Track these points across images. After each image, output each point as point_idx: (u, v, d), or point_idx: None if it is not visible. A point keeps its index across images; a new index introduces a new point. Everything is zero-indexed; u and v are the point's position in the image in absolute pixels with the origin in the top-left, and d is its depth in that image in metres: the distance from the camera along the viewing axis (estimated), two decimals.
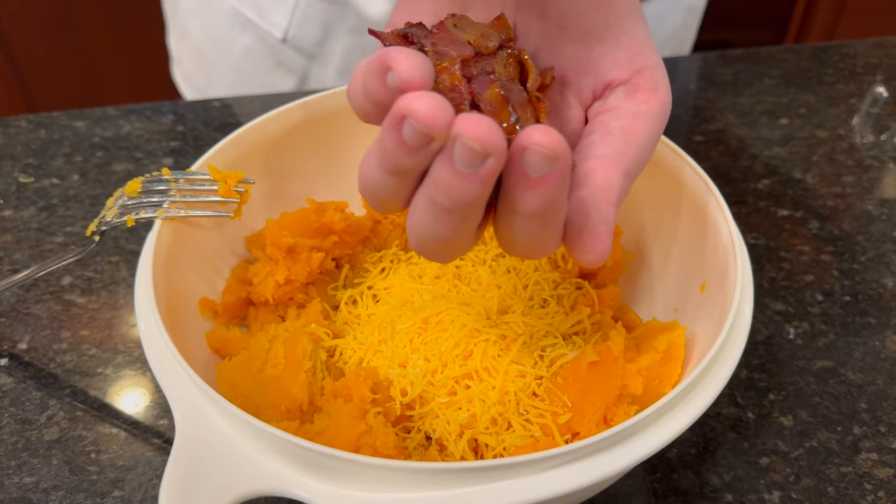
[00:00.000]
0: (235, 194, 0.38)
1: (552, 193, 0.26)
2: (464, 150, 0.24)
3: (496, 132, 0.24)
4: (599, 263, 0.29)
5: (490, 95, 0.27)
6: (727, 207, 0.38)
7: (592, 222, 0.28)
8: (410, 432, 0.37)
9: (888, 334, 0.49)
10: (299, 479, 0.29)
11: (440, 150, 0.25)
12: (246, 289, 0.42)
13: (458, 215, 0.26)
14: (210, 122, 0.65)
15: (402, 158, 0.25)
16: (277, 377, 0.36)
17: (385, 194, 0.28)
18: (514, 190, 0.26)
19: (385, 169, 0.26)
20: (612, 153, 0.29)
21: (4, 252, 0.53)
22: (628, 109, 0.31)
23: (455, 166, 0.24)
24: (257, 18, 0.70)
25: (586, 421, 0.35)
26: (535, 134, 0.24)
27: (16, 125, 0.64)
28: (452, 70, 0.27)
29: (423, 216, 0.27)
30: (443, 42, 0.28)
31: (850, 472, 0.41)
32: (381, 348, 0.39)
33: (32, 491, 0.40)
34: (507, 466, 0.28)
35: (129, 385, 0.45)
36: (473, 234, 0.29)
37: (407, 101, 0.24)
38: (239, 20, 0.71)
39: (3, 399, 0.44)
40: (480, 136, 0.24)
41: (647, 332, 0.39)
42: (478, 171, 0.24)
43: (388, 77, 0.25)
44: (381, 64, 0.25)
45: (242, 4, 0.70)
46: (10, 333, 0.48)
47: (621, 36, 0.31)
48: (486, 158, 0.24)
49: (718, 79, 0.73)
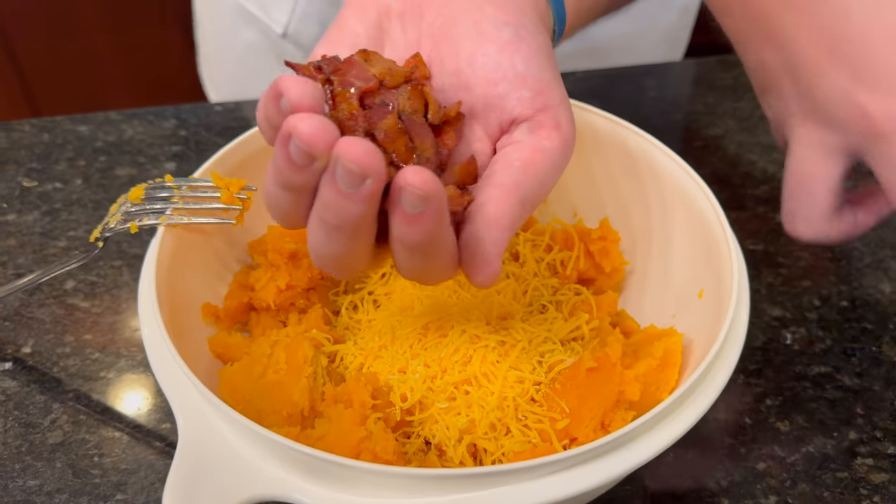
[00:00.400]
0: (238, 201, 0.38)
1: (430, 230, 0.28)
2: (343, 170, 0.26)
3: (374, 154, 0.26)
4: (489, 286, 0.31)
5: (386, 125, 0.29)
6: (724, 214, 0.39)
7: (483, 247, 0.30)
8: (410, 437, 0.37)
9: (885, 340, 0.49)
10: (301, 485, 0.29)
11: (325, 170, 0.27)
12: (248, 294, 0.42)
13: (348, 233, 0.28)
14: (212, 127, 0.65)
15: (291, 175, 0.27)
16: (279, 382, 0.36)
17: (283, 209, 0.30)
18: (396, 223, 0.28)
19: (278, 184, 0.28)
20: (510, 182, 0.32)
21: (8, 256, 0.54)
22: (530, 144, 0.33)
23: (338, 185, 0.26)
24: (260, 13, 0.72)
25: (584, 427, 0.35)
26: (409, 174, 0.26)
27: (19, 129, 0.65)
28: (350, 99, 0.29)
29: (316, 233, 0.29)
30: (350, 74, 0.30)
31: (846, 477, 0.42)
32: (382, 354, 0.39)
33: (36, 494, 0.40)
34: (506, 472, 0.29)
35: (131, 389, 0.46)
36: (368, 251, 0.30)
37: (293, 121, 0.26)
38: (242, 14, 0.73)
39: (8, 403, 0.45)
40: (358, 158, 0.25)
41: (644, 339, 0.40)
42: (358, 191, 0.26)
43: (282, 102, 0.27)
44: (275, 90, 0.27)
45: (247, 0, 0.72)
46: (14, 337, 0.48)
47: (526, 75, 0.33)
48: (365, 179, 0.26)
49: (718, 84, 0.74)
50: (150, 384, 0.46)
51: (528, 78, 0.33)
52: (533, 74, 0.33)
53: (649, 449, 0.31)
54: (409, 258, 0.30)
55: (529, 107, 0.33)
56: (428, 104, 0.32)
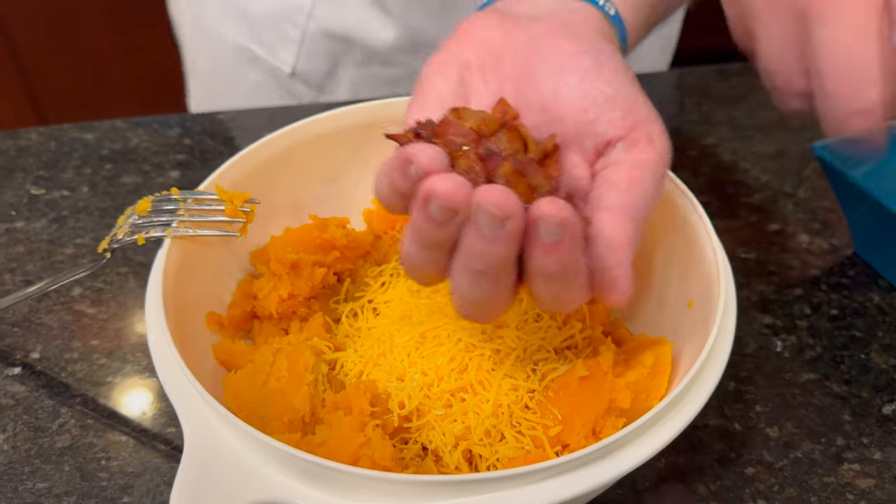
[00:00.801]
0: (242, 214, 0.39)
1: (567, 255, 0.30)
2: (486, 216, 0.28)
3: (511, 197, 0.28)
4: (623, 303, 0.33)
5: (504, 170, 0.31)
6: (712, 227, 0.40)
7: (610, 271, 0.32)
8: (408, 443, 0.38)
9: (873, 348, 0.50)
10: (302, 490, 0.30)
11: (466, 222, 0.29)
12: (251, 303, 0.43)
13: (492, 277, 0.31)
14: (216, 135, 0.66)
15: (433, 233, 0.30)
16: (281, 390, 0.37)
17: (424, 267, 0.32)
18: (534, 256, 0.30)
19: (419, 244, 0.31)
20: (619, 203, 0.33)
21: (17, 263, 0.55)
22: (628, 162, 0.34)
23: (482, 231, 0.29)
24: (265, 54, 0.73)
25: (576, 433, 0.37)
26: (543, 206, 0.28)
27: (26, 137, 0.66)
28: (467, 154, 0.31)
29: (461, 282, 0.31)
30: (449, 133, 0.32)
31: (833, 482, 0.43)
32: (381, 361, 0.40)
33: (45, 496, 0.41)
34: (501, 479, 0.30)
35: (137, 394, 0.47)
36: (509, 294, 0.33)
37: (430, 183, 0.28)
38: (246, 55, 0.73)
39: (17, 407, 0.46)
40: (499, 202, 0.28)
41: (636, 348, 0.41)
42: (501, 233, 0.28)
43: (411, 170, 0.29)
44: (402, 160, 0.29)
45: (250, 41, 0.73)
46: (23, 343, 0.50)
47: (614, 97, 0.35)
48: (506, 220, 0.28)
49: (714, 93, 0.75)
50: (156, 389, 0.47)
51: (616, 99, 0.35)
52: (620, 95, 0.35)
53: (639, 455, 0.32)
54: (550, 288, 0.32)
55: (621, 126, 0.35)
56: (526, 142, 0.34)
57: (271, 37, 0.72)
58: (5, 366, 0.48)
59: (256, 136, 0.66)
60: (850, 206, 0.55)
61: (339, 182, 0.49)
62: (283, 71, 0.73)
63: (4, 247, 0.56)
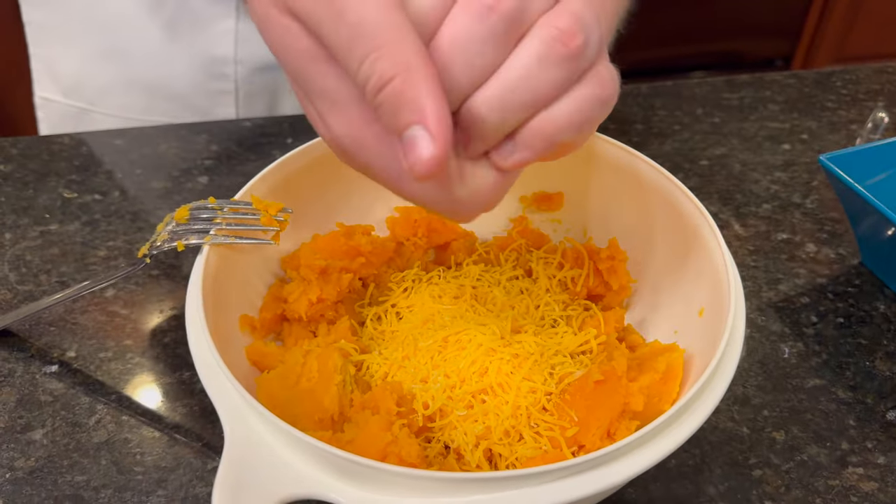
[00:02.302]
0: (276, 222, 0.41)
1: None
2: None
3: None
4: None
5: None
6: (722, 238, 0.42)
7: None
8: (431, 442, 0.40)
9: (878, 355, 0.52)
10: (335, 485, 0.32)
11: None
12: (281, 306, 0.45)
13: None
14: (242, 142, 0.68)
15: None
16: (311, 390, 0.39)
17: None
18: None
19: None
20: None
21: (52, 265, 0.57)
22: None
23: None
24: (203, 120, 0.73)
25: (591, 435, 0.38)
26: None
27: (59, 142, 0.69)
28: None
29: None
30: None
31: (838, 484, 0.45)
32: (405, 364, 0.42)
33: (84, 489, 0.44)
34: (520, 477, 0.32)
35: (170, 392, 0.49)
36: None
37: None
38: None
39: (55, 403, 0.48)
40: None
41: (648, 353, 0.43)
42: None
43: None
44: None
45: (180, 117, 0.73)
46: (60, 342, 0.52)
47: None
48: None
49: (724, 104, 0.76)
50: (188, 388, 0.49)
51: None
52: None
53: (652, 456, 0.34)
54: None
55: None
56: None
57: (204, 102, 0.73)
58: (43, 363, 0.50)
59: (280, 142, 0.68)
60: (857, 217, 0.56)
61: (364, 190, 0.51)
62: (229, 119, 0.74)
63: (39, 249, 0.58)
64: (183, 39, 0.70)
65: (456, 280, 0.48)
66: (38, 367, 0.50)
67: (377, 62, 0.26)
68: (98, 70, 0.73)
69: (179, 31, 0.70)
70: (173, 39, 0.70)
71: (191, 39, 0.70)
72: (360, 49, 0.26)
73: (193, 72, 0.72)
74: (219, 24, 0.70)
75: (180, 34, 0.70)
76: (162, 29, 0.70)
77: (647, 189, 0.46)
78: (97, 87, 0.74)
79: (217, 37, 0.70)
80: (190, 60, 0.71)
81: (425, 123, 0.26)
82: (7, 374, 0.49)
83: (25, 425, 0.46)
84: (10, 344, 0.51)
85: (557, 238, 0.52)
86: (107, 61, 0.73)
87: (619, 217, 0.50)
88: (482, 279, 0.48)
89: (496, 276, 0.49)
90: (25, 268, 0.57)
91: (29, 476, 0.44)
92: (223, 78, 0.72)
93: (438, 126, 0.26)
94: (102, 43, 0.72)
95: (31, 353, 0.51)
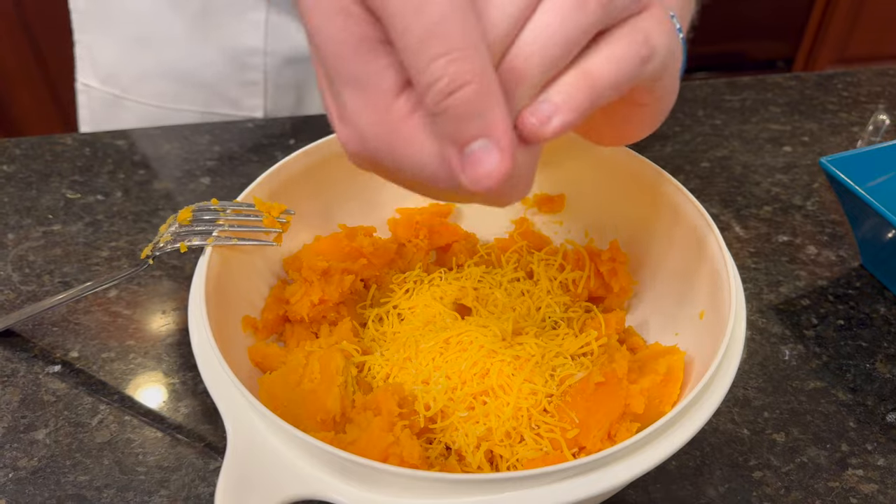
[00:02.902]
0: (278, 224, 0.41)
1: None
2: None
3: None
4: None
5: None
6: (723, 241, 0.42)
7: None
8: (432, 443, 0.40)
9: (878, 358, 0.52)
10: (337, 485, 0.32)
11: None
12: (283, 307, 0.46)
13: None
14: (244, 143, 0.69)
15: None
16: (313, 391, 0.39)
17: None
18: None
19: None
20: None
21: (55, 265, 0.57)
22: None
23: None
24: (233, 111, 0.75)
25: (592, 436, 0.39)
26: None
27: (62, 143, 0.69)
28: None
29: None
30: None
31: (837, 486, 0.45)
32: (406, 365, 0.43)
33: (86, 488, 0.44)
34: (521, 478, 0.32)
35: (172, 392, 0.49)
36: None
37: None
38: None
39: (58, 403, 0.48)
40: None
41: (649, 355, 0.43)
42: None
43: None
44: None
45: (211, 106, 0.74)
46: (63, 342, 0.52)
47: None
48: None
49: (726, 106, 0.77)
50: (190, 388, 0.49)
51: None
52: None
53: (652, 458, 0.34)
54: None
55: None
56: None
57: (233, 92, 0.74)
58: (46, 364, 0.50)
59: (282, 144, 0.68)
60: (857, 220, 0.56)
61: (366, 192, 0.51)
62: (256, 117, 0.74)
63: (42, 249, 0.58)
64: (213, 29, 0.71)
65: (458, 282, 0.48)
66: (42, 368, 0.50)
67: (451, 64, 0.24)
68: (132, 58, 0.74)
69: (210, 21, 0.71)
70: (203, 28, 0.71)
71: (221, 30, 0.71)
72: (434, 48, 0.24)
73: (223, 62, 0.72)
74: (249, 15, 0.70)
75: (211, 24, 0.71)
76: (192, 18, 0.71)
77: (649, 191, 0.46)
78: (132, 74, 0.75)
79: (247, 27, 0.71)
80: (220, 50, 0.72)
81: (496, 136, 0.25)
82: (10, 374, 0.50)
83: (28, 425, 0.47)
84: (14, 344, 0.52)
85: (559, 240, 0.53)
86: (140, 49, 0.74)
87: (621, 219, 0.50)
88: (483, 281, 0.49)
89: (497, 278, 0.49)
90: (28, 268, 0.57)
91: (32, 476, 0.44)
92: (252, 69, 0.73)
93: (507, 139, 0.25)
94: (136, 31, 0.73)
95: (35, 354, 0.51)
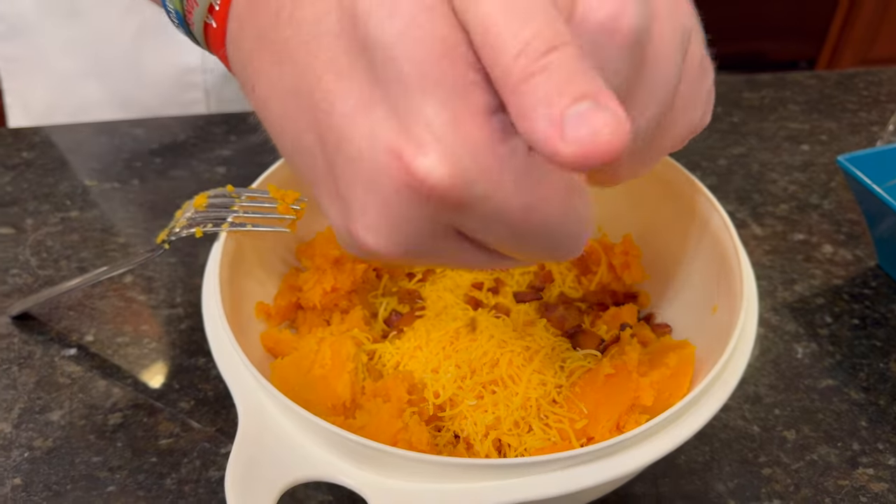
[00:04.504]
0: (292, 211, 0.42)
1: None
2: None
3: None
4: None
5: None
6: (738, 237, 0.42)
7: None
8: (441, 431, 0.40)
9: (893, 357, 0.52)
10: (346, 468, 0.33)
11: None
12: (296, 294, 0.46)
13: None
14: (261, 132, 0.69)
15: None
16: (324, 376, 0.40)
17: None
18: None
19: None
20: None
21: (72, 250, 0.58)
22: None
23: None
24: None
25: (600, 427, 0.39)
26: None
27: (80, 131, 0.70)
28: None
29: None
30: None
31: (847, 485, 0.44)
32: (416, 354, 0.43)
33: (99, 469, 0.44)
34: (528, 464, 0.32)
35: (185, 377, 0.50)
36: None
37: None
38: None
39: (73, 386, 0.49)
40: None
41: (660, 349, 0.43)
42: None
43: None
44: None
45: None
46: (78, 326, 0.53)
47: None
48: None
49: (745, 103, 0.76)
50: (203, 373, 0.50)
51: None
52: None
53: (659, 449, 0.34)
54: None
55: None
56: None
57: (177, 111, 0.74)
58: (62, 347, 0.51)
59: None
60: (874, 219, 0.56)
61: None
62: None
63: (60, 235, 0.59)
64: (153, 48, 0.72)
65: (470, 273, 0.48)
66: (57, 350, 0.51)
67: (539, 34, 0.21)
68: (73, 91, 0.75)
69: (150, 40, 0.71)
70: (144, 48, 0.72)
71: (158, 52, 0.72)
72: (516, 24, 0.21)
73: (165, 81, 0.73)
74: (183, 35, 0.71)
75: (151, 43, 0.71)
76: (133, 38, 0.71)
77: (664, 186, 0.46)
78: (73, 105, 0.76)
79: (186, 45, 0.70)
80: (160, 72, 0.73)
81: (603, 100, 0.20)
82: (27, 357, 0.50)
83: (44, 406, 0.47)
84: (31, 327, 0.52)
85: None
86: (81, 81, 0.74)
87: (635, 213, 0.50)
88: (495, 273, 0.49)
89: (509, 270, 0.49)
90: (46, 253, 0.58)
91: (46, 455, 0.45)
92: (193, 87, 0.74)
93: (614, 99, 0.20)
94: (78, 61, 0.73)
95: (51, 337, 0.52)
